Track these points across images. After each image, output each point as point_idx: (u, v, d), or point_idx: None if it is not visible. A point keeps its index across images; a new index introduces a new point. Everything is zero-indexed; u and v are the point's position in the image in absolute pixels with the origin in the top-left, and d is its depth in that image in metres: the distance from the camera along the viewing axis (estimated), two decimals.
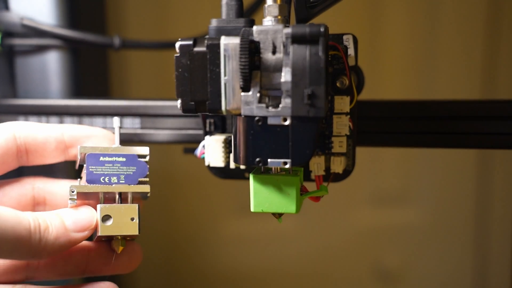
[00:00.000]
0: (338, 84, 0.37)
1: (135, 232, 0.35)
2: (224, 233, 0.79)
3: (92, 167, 0.35)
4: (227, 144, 0.39)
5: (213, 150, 0.39)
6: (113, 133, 0.38)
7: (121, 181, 0.35)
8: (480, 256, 0.78)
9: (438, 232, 0.78)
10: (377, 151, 0.72)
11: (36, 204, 0.37)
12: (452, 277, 0.79)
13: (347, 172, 0.39)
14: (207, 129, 0.40)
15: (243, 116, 0.32)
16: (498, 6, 0.72)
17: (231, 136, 0.38)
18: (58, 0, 0.53)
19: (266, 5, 0.32)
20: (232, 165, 0.39)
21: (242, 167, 0.39)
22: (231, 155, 0.38)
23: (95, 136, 0.37)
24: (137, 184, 0.36)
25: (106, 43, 0.53)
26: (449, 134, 0.42)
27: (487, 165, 0.75)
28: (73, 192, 0.34)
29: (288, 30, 0.31)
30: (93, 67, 0.65)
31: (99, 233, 0.34)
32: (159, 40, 0.57)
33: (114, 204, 0.35)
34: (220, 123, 0.40)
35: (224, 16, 0.37)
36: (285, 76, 0.31)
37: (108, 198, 0.35)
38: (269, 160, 0.32)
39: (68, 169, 0.47)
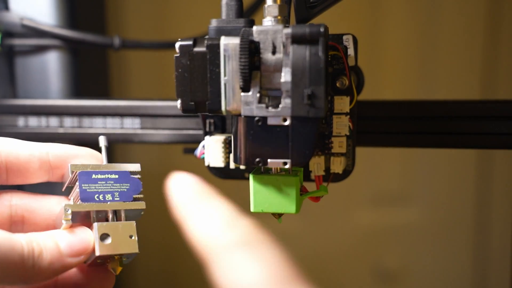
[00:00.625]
0: (338, 84, 0.37)
1: (135, 250, 0.33)
2: None
3: (85, 185, 0.33)
4: (227, 144, 0.39)
5: (213, 151, 0.39)
6: (100, 152, 0.37)
7: (115, 199, 0.34)
8: (480, 256, 0.78)
9: (438, 232, 0.78)
10: (377, 151, 0.71)
11: (13, 223, 0.35)
12: (452, 277, 0.79)
13: (347, 172, 0.39)
14: (207, 129, 0.40)
15: (243, 116, 0.32)
16: (498, 6, 0.72)
17: (231, 136, 0.38)
18: (58, 0, 0.53)
19: (266, 5, 0.32)
20: (232, 165, 0.39)
21: (242, 167, 0.39)
22: (231, 155, 0.38)
23: (82, 156, 0.35)
24: (132, 201, 0.34)
25: (106, 43, 0.53)
26: (449, 134, 0.42)
27: (487, 165, 0.75)
28: (68, 211, 0.32)
29: (288, 30, 0.31)
30: (93, 67, 0.65)
31: (98, 253, 0.32)
32: (159, 40, 0.57)
33: (111, 222, 0.33)
34: (220, 123, 0.40)
35: (224, 16, 0.37)
36: (285, 76, 0.31)
37: (100, 218, 0.34)
38: (269, 160, 0.32)
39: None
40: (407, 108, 0.42)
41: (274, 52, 0.31)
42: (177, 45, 0.32)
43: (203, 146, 0.40)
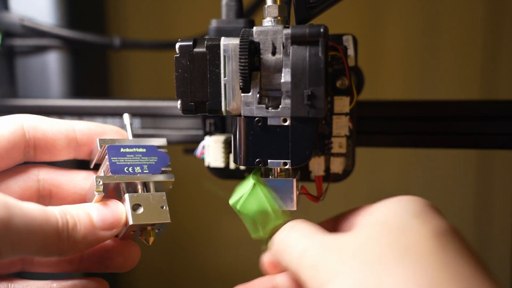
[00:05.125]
0: (338, 85, 0.37)
1: (167, 219, 0.33)
2: (224, 233, 0.79)
3: (114, 158, 0.34)
4: (227, 144, 0.39)
5: (213, 151, 0.39)
6: (125, 130, 0.37)
7: (144, 171, 0.34)
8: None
9: None
10: (377, 151, 0.72)
11: (41, 197, 0.35)
12: None
13: (347, 172, 0.39)
14: (207, 129, 0.40)
15: (243, 117, 0.32)
16: (498, 6, 0.72)
17: (231, 137, 0.38)
18: (58, 0, 0.53)
19: (266, 6, 0.32)
20: (232, 165, 0.39)
21: (242, 167, 0.39)
22: (231, 156, 0.38)
23: (108, 133, 0.36)
24: (160, 173, 0.35)
25: (106, 43, 0.53)
26: (449, 134, 0.42)
27: (487, 165, 0.75)
28: (99, 183, 0.32)
29: (288, 31, 0.31)
30: (93, 67, 0.65)
31: (131, 222, 0.32)
32: (159, 40, 0.57)
33: (142, 193, 0.34)
34: (220, 124, 0.40)
35: (224, 16, 0.37)
36: (285, 76, 0.31)
37: (130, 191, 0.34)
38: (269, 160, 0.32)
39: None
40: (407, 108, 0.42)
41: (274, 53, 0.31)
42: (177, 45, 0.32)
43: (203, 146, 0.40)
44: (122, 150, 0.34)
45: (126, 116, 0.38)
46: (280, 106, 0.31)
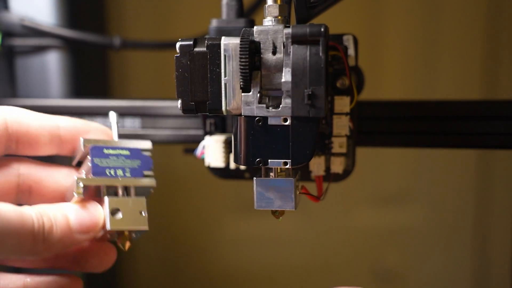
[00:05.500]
0: (338, 84, 0.37)
1: (145, 226, 0.33)
2: (224, 233, 0.79)
3: (97, 159, 0.33)
4: (227, 144, 0.39)
5: (213, 151, 0.39)
6: (111, 128, 0.37)
7: (126, 174, 0.34)
8: (480, 256, 0.78)
9: (438, 232, 0.78)
10: (377, 151, 0.71)
11: (20, 192, 0.34)
12: (452, 277, 0.79)
13: (347, 172, 0.39)
14: (207, 129, 0.40)
15: (243, 117, 0.32)
16: (498, 6, 0.72)
17: (231, 137, 0.38)
18: (58, 0, 0.53)
19: (266, 5, 0.32)
20: (232, 165, 0.39)
21: (242, 167, 0.39)
22: (231, 156, 0.38)
23: (93, 131, 0.35)
24: (142, 177, 0.35)
25: (106, 43, 0.53)
26: (449, 134, 0.42)
27: (487, 165, 0.75)
28: (79, 184, 0.32)
29: (289, 30, 0.31)
30: (93, 67, 0.65)
31: (109, 228, 0.32)
32: (159, 40, 0.57)
33: (122, 197, 0.33)
34: (220, 123, 0.40)
35: (224, 16, 0.37)
36: (285, 76, 0.31)
37: (110, 193, 0.33)
38: (269, 160, 0.32)
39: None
40: (407, 108, 0.42)
41: (274, 52, 0.31)
42: (178, 45, 0.32)
43: (203, 146, 0.40)
44: (105, 151, 0.34)
45: (112, 114, 0.37)
46: (280, 106, 0.31)
